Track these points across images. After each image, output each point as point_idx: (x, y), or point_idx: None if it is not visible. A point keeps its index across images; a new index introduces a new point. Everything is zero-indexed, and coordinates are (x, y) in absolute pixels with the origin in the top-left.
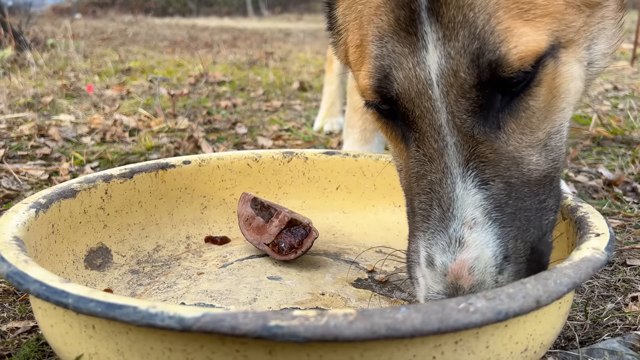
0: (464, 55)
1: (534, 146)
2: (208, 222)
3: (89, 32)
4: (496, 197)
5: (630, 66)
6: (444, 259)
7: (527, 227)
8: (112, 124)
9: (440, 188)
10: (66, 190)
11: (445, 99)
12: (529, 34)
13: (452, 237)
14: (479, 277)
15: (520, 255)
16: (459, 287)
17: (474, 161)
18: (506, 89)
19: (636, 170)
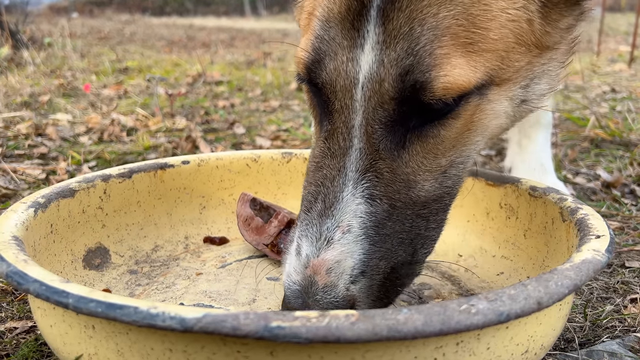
0: (395, 67)
1: (432, 171)
2: (207, 222)
3: (86, 31)
4: (377, 216)
5: (628, 68)
6: (309, 252)
7: (396, 250)
8: (109, 124)
9: (331, 185)
10: (65, 190)
11: (365, 103)
12: (463, 68)
13: (323, 234)
14: (333, 279)
15: (377, 273)
16: (313, 283)
17: (370, 173)
18: (422, 113)
19: (634, 172)
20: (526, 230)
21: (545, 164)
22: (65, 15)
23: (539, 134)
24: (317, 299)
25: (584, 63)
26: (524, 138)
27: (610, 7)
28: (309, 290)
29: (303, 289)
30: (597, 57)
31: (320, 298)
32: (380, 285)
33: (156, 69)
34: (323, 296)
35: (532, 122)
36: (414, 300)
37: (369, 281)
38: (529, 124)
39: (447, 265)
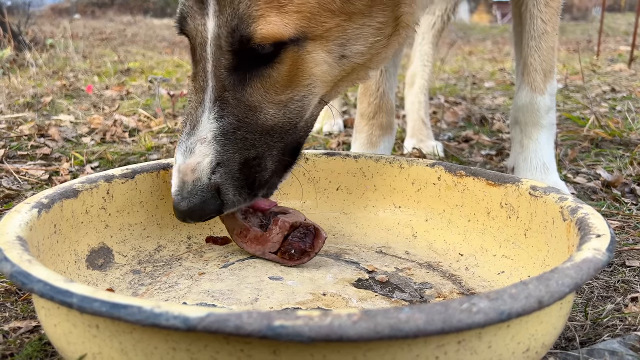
0: (226, 28)
1: (275, 103)
2: (209, 222)
3: (88, 32)
4: (225, 128)
5: (628, 68)
6: (180, 161)
7: (248, 149)
8: (112, 124)
9: (195, 113)
10: (68, 190)
11: (213, 55)
12: (276, 24)
13: (188, 147)
14: (197, 175)
15: (232, 163)
16: (185, 182)
17: (220, 101)
18: (255, 59)
19: (634, 171)
20: (527, 230)
21: (547, 163)
22: (67, 16)
23: (540, 134)
24: (189, 190)
25: (584, 63)
26: (525, 138)
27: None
28: (183, 188)
29: (179, 189)
30: (597, 57)
31: (191, 189)
32: (237, 171)
33: (158, 69)
34: (193, 188)
35: (532, 123)
36: (415, 300)
37: (225, 169)
38: (530, 125)
39: (447, 264)
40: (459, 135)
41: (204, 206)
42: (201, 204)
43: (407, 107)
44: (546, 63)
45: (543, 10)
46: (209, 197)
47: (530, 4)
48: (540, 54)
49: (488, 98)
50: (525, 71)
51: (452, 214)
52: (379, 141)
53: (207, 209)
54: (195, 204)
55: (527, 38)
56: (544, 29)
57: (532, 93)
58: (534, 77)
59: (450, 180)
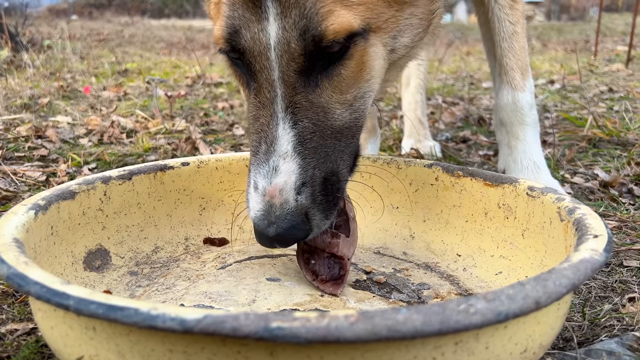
0: (295, 30)
1: (342, 103)
2: (206, 223)
3: (86, 33)
4: (302, 134)
5: (625, 68)
6: (264, 183)
7: (324, 161)
8: (109, 125)
9: (268, 129)
10: (65, 192)
11: (279, 61)
12: (345, 15)
13: (271, 166)
14: (286, 196)
15: (314, 181)
16: (272, 205)
17: (292, 107)
18: (326, 57)
19: (632, 171)
20: (524, 230)
21: (538, 162)
22: (65, 17)
23: (526, 133)
24: (277, 215)
25: (581, 63)
26: (512, 139)
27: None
28: (270, 211)
29: (265, 212)
30: (594, 57)
31: (279, 214)
32: (320, 192)
33: (156, 70)
34: (281, 212)
35: (518, 122)
36: (413, 300)
37: (310, 189)
38: (516, 124)
39: (445, 265)
40: (457, 135)
41: (294, 232)
42: (291, 229)
43: (404, 107)
44: (521, 62)
45: (509, 12)
46: (298, 221)
47: (496, 9)
48: (514, 53)
49: (486, 98)
50: (503, 71)
51: (449, 214)
52: (365, 143)
53: (297, 235)
54: (285, 229)
55: (498, 40)
56: (514, 30)
57: (513, 91)
58: (513, 76)
59: (447, 181)
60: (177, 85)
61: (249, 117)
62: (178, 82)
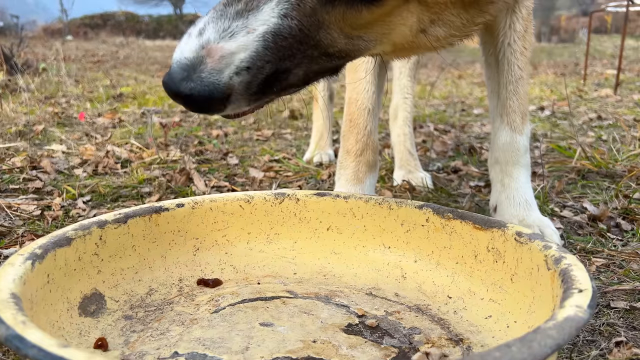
0: None
1: (345, 34)
2: (200, 264)
3: (81, 54)
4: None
5: (614, 94)
6: (212, 37)
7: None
8: (104, 156)
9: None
10: (62, 239)
11: None
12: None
13: (231, 28)
14: (222, 66)
15: (260, 73)
16: (203, 62)
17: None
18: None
19: (620, 204)
20: (513, 275)
21: (529, 200)
22: (60, 37)
23: (520, 173)
24: (202, 76)
25: (571, 88)
26: (506, 177)
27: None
28: (197, 68)
29: (191, 64)
30: (583, 82)
31: (204, 77)
32: (258, 84)
33: (150, 95)
34: (207, 76)
35: (513, 162)
36: (404, 346)
37: (250, 77)
38: (511, 164)
39: (436, 307)
40: (448, 165)
41: (204, 104)
42: (205, 99)
43: (394, 139)
44: (523, 106)
45: (519, 58)
46: (217, 97)
47: (508, 52)
48: (517, 97)
49: (477, 125)
50: (505, 113)
51: (440, 255)
52: (365, 177)
53: (206, 107)
54: (198, 95)
55: (505, 83)
56: (520, 75)
57: (512, 133)
58: (514, 119)
59: (438, 223)
60: (172, 110)
61: None
62: (172, 108)
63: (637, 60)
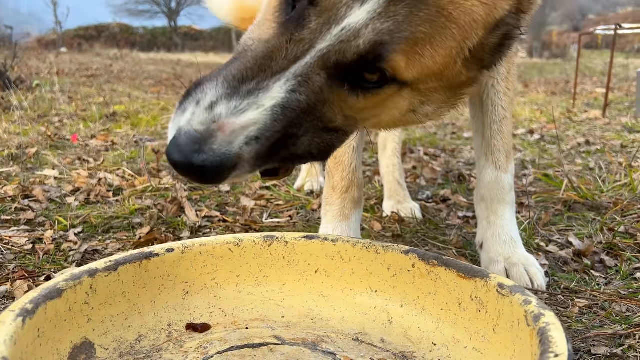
0: (374, 36)
1: (344, 115)
2: (189, 307)
3: (74, 68)
4: (289, 104)
5: (602, 117)
6: (224, 112)
7: (290, 128)
8: (96, 183)
9: (271, 72)
10: (52, 291)
11: (335, 39)
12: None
13: (242, 105)
14: (232, 138)
15: (269, 139)
16: (214, 136)
17: (304, 81)
18: (360, 75)
19: (604, 238)
20: (495, 326)
21: (514, 238)
22: (54, 49)
23: (505, 211)
24: (213, 148)
25: (561, 109)
26: (492, 214)
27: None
28: (208, 140)
29: (202, 137)
30: (573, 102)
31: (216, 149)
32: (266, 151)
33: (143, 114)
34: (219, 148)
35: (498, 200)
36: None
37: (258, 146)
38: (496, 202)
39: (421, 355)
40: (437, 194)
41: (215, 174)
42: (214, 171)
43: (382, 170)
44: (507, 145)
45: (503, 98)
46: (226, 167)
47: (492, 94)
48: (502, 136)
49: (467, 149)
50: (489, 152)
51: (426, 301)
52: (350, 214)
53: (214, 177)
54: (211, 164)
55: (489, 123)
56: (504, 115)
57: (497, 172)
58: (499, 157)
59: (423, 269)
60: (164, 132)
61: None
62: (165, 128)
63: (626, 78)
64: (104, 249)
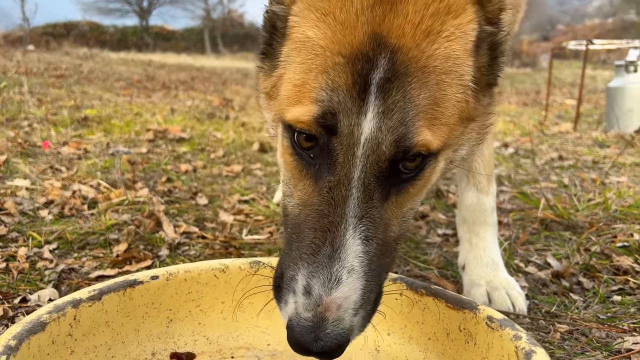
0: (391, 134)
1: (398, 217)
2: (173, 335)
3: (43, 67)
4: (370, 255)
5: (573, 130)
6: (322, 292)
7: (377, 282)
8: (70, 196)
9: (337, 231)
10: (36, 325)
11: (364, 160)
12: (429, 136)
13: (333, 275)
14: (341, 314)
15: (369, 304)
16: (324, 318)
17: (366, 218)
18: (400, 174)
19: (581, 259)
20: (484, 358)
21: (496, 260)
22: (20, 46)
23: (487, 233)
24: (328, 332)
25: (533, 121)
26: (474, 236)
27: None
28: (320, 326)
29: (315, 325)
30: (545, 114)
31: (330, 331)
32: (368, 314)
33: (116, 119)
34: (333, 329)
35: (480, 222)
36: None
37: (364, 312)
38: (478, 224)
39: None
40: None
41: (338, 351)
42: (337, 348)
43: None
44: (488, 167)
45: None
46: (344, 341)
47: None
48: (483, 159)
49: None
50: (470, 174)
51: (413, 330)
52: None
53: (336, 353)
54: (332, 348)
55: None
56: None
57: (478, 194)
58: (480, 180)
59: (411, 297)
60: (138, 139)
61: (312, 211)
62: (139, 135)
63: (594, 89)
64: (81, 267)
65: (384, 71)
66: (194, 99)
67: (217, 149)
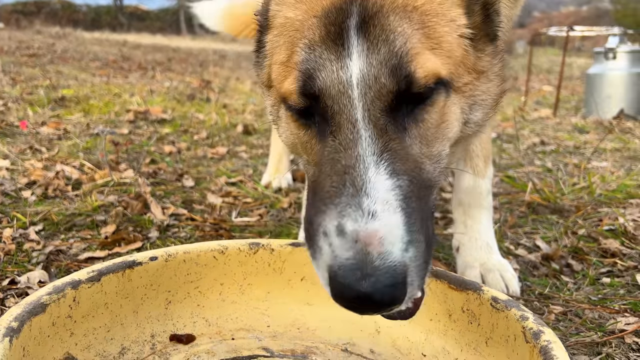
0: (384, 67)
1: (429, 157)
2: (172, 317)
3: (14, 46)
4: (404, 190)
5: (553, 116)
6: (356, 227)
7: (422, 227)
8: (54, 176)
9: (354, 171)
10: (36, 306)
11: (363, 99)
12: (432, 60)
13: (365, 210)
14: (388, 247)
15: (419, 242)
16: (368, 253)
17: (387, 153)
18: (408, 101)
19: (569, 242)
20: (488, 339)
21: (490, 243)
22: None
23: (482, 216)
24: (376, 265)
25: (513, 107)
26: (469, 219)
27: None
28: (365, 261)
29: (359, 262)
30: (524, 100)
31: (378, 265)
32: (422, 255)
33: (94, 99)
34: (381, 263)
35: (475, 205)
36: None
37: (415, 251)
38: (474, 207)
39: None
40: None
41: (393, 292)
42: (391, 287)
43: None
44: (486, 150)
45: None
46: (399, 281)
47: None
48: (480, 142)
49: None
50: (468, 157)
51: None
52: None
53: (396, 298)
54: (385, 285)
55: None
56: None
57: (475, 177)
58: (477, 163)
59: None
60: (119, 119)
61: (324, 162)
62: (119, 115)
63: (570, 76)
64: (69, 249)
65: (358, 14)
66: (172, 80)
67: (200, 131)
